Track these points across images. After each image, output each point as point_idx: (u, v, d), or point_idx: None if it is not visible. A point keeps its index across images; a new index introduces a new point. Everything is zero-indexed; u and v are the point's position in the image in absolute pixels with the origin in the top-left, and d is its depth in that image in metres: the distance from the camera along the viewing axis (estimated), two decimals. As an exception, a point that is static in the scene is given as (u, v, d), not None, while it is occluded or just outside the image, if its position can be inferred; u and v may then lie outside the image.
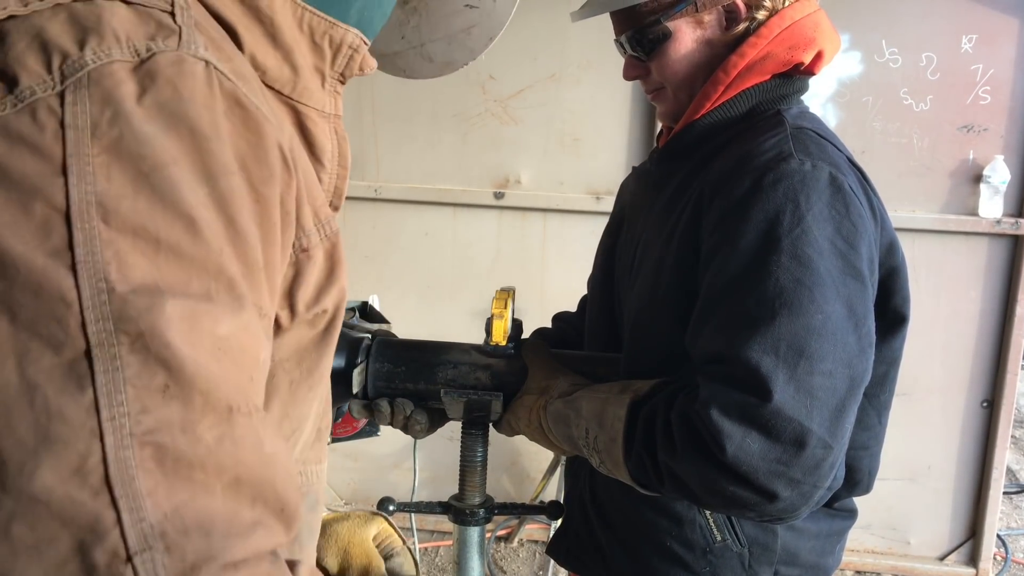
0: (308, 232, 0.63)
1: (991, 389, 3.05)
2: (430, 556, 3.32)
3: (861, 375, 0.96)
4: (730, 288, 0.97)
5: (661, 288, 1.10)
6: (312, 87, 0.68)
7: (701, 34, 1.14)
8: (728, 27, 1.13)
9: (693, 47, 1.14)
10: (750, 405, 0.90)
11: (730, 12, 1.12)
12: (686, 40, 1.14)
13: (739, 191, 1.00)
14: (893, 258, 1.10)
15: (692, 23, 1.14)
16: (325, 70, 0.69)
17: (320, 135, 0.70)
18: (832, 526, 1.22)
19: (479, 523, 1.30)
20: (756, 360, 0.92)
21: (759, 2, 1.12)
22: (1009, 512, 3.83)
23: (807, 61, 1.13)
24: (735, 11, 1.12)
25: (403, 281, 3.27)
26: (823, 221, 0.96)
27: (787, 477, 0.90)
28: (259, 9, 0.62)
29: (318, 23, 0.66)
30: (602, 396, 1.07)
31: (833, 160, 1.02)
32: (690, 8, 1.12)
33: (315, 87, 0.68)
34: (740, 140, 1.10)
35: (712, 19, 1.13)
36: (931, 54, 2.83)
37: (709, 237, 1.02)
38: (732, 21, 1.13)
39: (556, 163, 3.09)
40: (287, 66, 0.65)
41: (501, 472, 3.34)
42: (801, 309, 0.93)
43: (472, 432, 1.28)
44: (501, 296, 1.26)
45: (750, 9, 1.12)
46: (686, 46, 1.14)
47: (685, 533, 1.15)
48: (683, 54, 1.15)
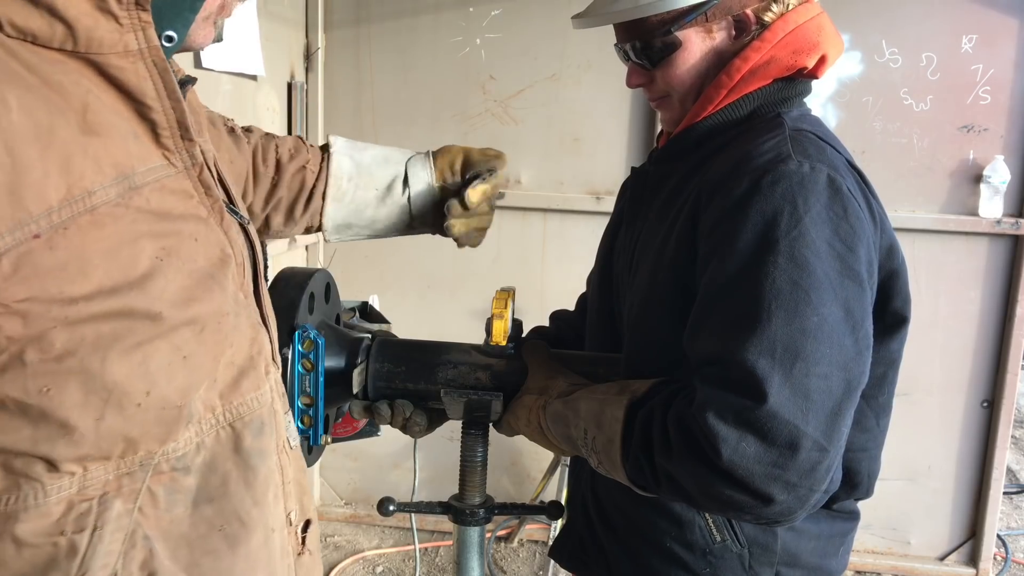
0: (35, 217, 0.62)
1: (991, 389, 3.05)
2: (430, 556, 3.32)
3: (858, 378, 0.95)
4: (727, 289, 0.97)
5: (658, 288, 1.10)
6: (101, 34, 0.65)
7: (710, 44, 1.13)
8: (738, 36, 1.12)
9: (701, 57, 1.13)
10: (745, 408, 0.90)
11: (739, 21, 1.11)
12: (695, 50, 1.13)
13: (737, 192, 0.99)
14: (893, 261, 1.09)
15: (702, 33, 1.12)
16: (113, 8, 0.66)
17: (131, 78, 0.68)
18: (833, 528, 1.21)
19: (479, 523, 1.30)
20: (752, 362, 0.91)
21: (767, 10, 1.11)
22: (1009, 512, 3.83)
23: (810, 65, 1.12)
24: (744, 20, 1.11)
25: (403, 281, 3.27)
26: (821, 223, 0.96)
27: (783, 480, 0.90)
28: None
29: None
30: (600, 397, 1.07)
31: (832, 162, 1.02)
32: (700, 18, 1.11)
33: (107, 32, 0.65)
34: (739, 142, 1.09)
35: (721, 29, 1.12)
36: (931, 54, 2.84)
37: (707, 238, 1.02)
38: (741, 31, 1.12)
39: (556, 163, 3.09)
40: (57, 22, 0.63)
41: (501, 472, 3.34)
42: (798, 311, 0.93)
43: (472, 432, 1.28)
44: (501, 296, 1.26)
45: (758, 17, 1.11)
46: (694, 56, 1.13)
47: (685, 534, 1.15)
48: (691, 64, 1.14)
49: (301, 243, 3.07)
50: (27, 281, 0.62)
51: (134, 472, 0.71)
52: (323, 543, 3.40)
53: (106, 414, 0.67)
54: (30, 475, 0.66)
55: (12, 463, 0.66)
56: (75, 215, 0.64)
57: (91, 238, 0.65)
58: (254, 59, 2.58)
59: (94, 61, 0.66)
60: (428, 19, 3.06)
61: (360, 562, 3.29)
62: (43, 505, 0.67)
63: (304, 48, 3.13)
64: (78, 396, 0.66)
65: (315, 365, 1.17)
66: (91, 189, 0.65)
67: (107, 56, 0.67)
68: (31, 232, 0.62)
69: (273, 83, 2.88)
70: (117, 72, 0.67)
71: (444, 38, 3.07)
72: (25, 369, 0.64)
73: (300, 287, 1.21)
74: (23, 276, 0.62)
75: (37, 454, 0.66)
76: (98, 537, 0.69)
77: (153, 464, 0.72)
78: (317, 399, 1.17)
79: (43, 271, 0.63)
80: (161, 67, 0.70)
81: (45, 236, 0.62)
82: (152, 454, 0.72)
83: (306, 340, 1.16)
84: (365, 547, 3.37)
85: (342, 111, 3.18)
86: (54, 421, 0.65)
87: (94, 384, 0.66)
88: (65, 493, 0.68)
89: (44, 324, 0.64)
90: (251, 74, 2.63)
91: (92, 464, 0.69)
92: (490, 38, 3.03)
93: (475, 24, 3.03)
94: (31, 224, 0.62)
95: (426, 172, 1.31)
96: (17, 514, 0.66)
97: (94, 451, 0.68)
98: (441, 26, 3.06)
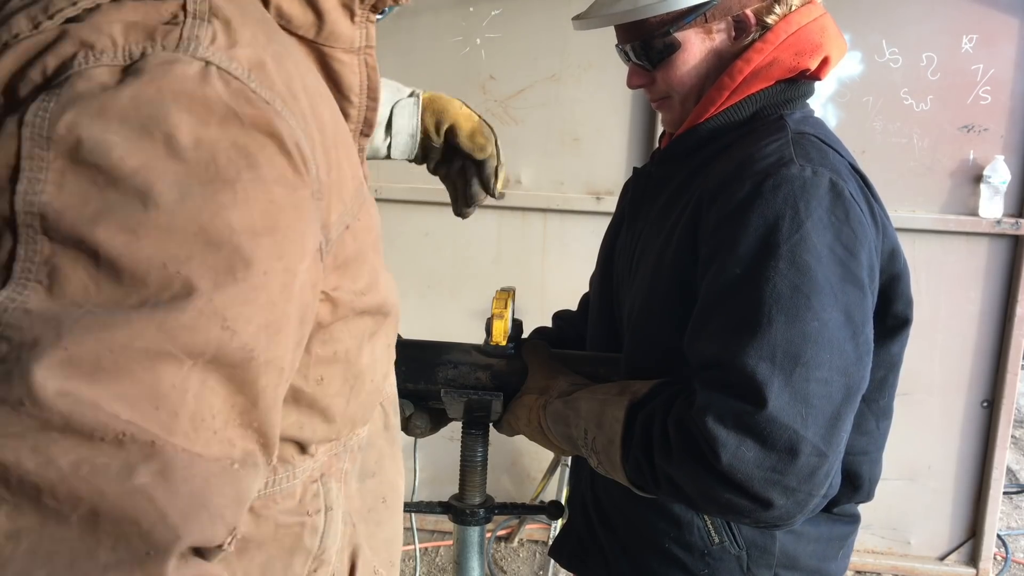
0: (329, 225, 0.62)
1: (991, 389, 3.05)
2: (430, 556, 3.33)
3: (858, 383, 0.95)
4: (728, 293, 0.97)
5: (659, 290, 1.10)
6: (339, 29, 0.67)
7: (710, 45, 1.13)
8: (737, 37, 1.12)
9: (701, 57, 1.13)
10: (745, 413, 0.90)
11: (739, 22, 1.11)
12: (695, 51, 1.13)
13: (739, 195, 0.99)
14: (895, 265, 1.09)
15: (701, 34, 1.12)
16: (354, 6, 0.68)
17: (347, 73, 0.70)
18: (833, 531, 1.21)
19: (479, 523, 1.30)
20: (752, 366, 0.91)
21: (768, 11, 1.10)
22: (1009, 512, 3.83)
23: (813, 67, 1.12)
24: (744, 21, 1.11)
25: (403, 281, 3.25)
26: (823, 228, 0.96)
27: (782, 485, 0.90)
28: None
29: None
30: (601, 397, 1.07)
31: (834, 166, 1.02)
32: (699, 19, 1.11)
33: (343, 27, 0.68)
34: (741, 144, 1.09)
35: (721, 29, 1.12)
36: (931, 54, 2.83)
37: (708, 241, 1.02)
38: (741, 31, 1.12)
39: (556, 163, 3.09)
40: (311, 12, 0.65)
41: (501, 472, 3.34)
42: (798, 316, 0.92)
43: (472, 432, 1.28)
44: (501, 296, 1.26)
45: (759, 18, 1.11)
46: (695, 57, 1.13)
47: (683, 535, 1.15)
48: (692, 65, 1.14)
49: (301, 243, 3.07)
50: (339, 269, 0.64)
51: (340, 453, 0.74)
52: (323, 543, 3.40)
53: (351, 400, 0.71)
54: (285, 458, 0.68)
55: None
56: (361, 204, 0.67)
57: (368, 228, 0.68)
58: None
59: (322, 51, 0.68)
60: (428, 19, 3.06)
61: (360, 562, 3.29)
62: (291, 487, 0.70)
63: (304, 48, 3.12)
64: (339, 384, 0.69)
65: (315, 365, 1.16)
66: (366, 174, 0.69)
67: (335, 50, 0.68)
68: (345, 223, 0.64)
69: (273, 83, 2.87)
70: (339, 65, 0.69)
71: (444, 38, 3.07)
72: (309, 358, 0.65)
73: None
74: (337, 264, 0.64)
75: (296, 438, 0.68)
76: (331, 517, 0.72)
77: (351, 444, 0.76)
78: (317, 399, 1.17)
79: (346, 260, 0.65)
80: (371, 65, 0.72)
81: (352, 227, 0.65)
82: (354, 435, 0.75)
83: (306, 340, 1.16)
84: (365, 547, 3.37)
85: (342, 111, 3.18)
86: (318, 408, 0.68)
87: (350, 372, 0.69)
88: (306, 476, 0.70)
89: (345, 312, 0.66)
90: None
91: (323, 446, 0.71)
92: (490, 38, 3.03)
93: (475, 24, 3.03)
94: (347, 216, 0.64)
95: (411, 122, 1.26)
96: (275, 496, 0.69)
97: (332, 434, 0.71)
98: (441, 26, 3.06)
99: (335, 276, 0.64)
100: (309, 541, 0.71)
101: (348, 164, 0.65)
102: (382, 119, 1.24)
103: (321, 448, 0.71)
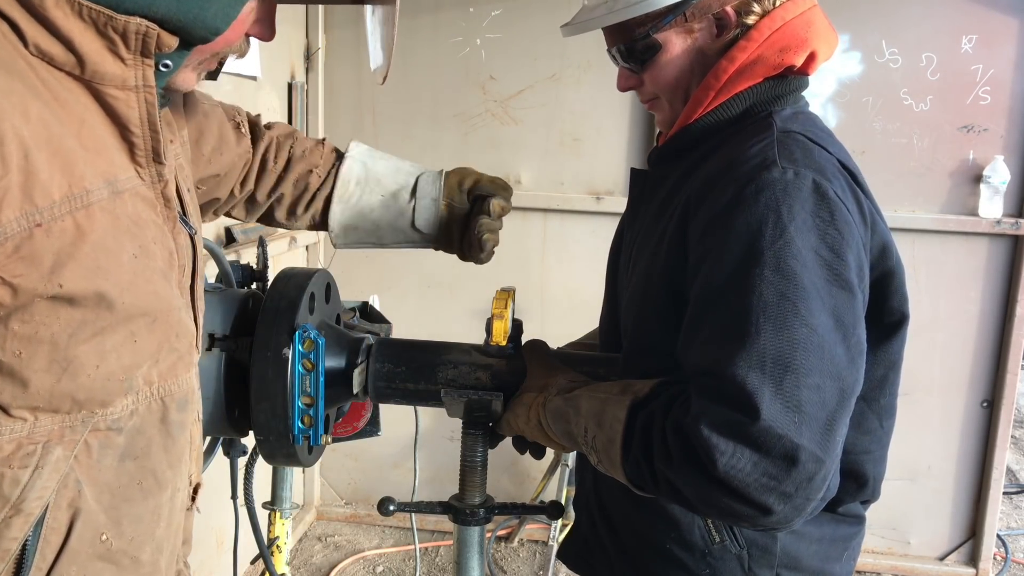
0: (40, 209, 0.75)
1: (991, 389, 3.05)
2: (430, 556, 3.33)
3: (852, 385, 0.95)
4: (716, 302, 0.97)
5: (652, 292, 1.10)
6: (104, 69, 0.81)
7: (692, 43, 1.13)
8: (719, 34, 1.12)
9: (684, 57, 1.13)
10: (739, 423, 0.90)
11: (720, 20, 1.11)
12: (676, 50, 1.13)
13: (722, 201, 0.99)
14: (887, 261, 1.08)
15: (682, 33, 1.13)
16: (121, 53, 0.81)
17: (121, 107, 0.84)
18: (836, 531, 1.20)
19: (479, 523, 1.30)
20: (742, 377, 0.91)
21: (749, 8, 1.10)
22: (1009, 512, 3.83)
23: (799, 63, 1.11)
24: (725, 18, 1.11)
25: (403, 281, 3.27)
26: (806, 231, 0.95)
27: (779, 491, 0.90)
28: (34, 8, 0.77)
29: (98, 15, 0.79)
30: (602, 396, 1.07)
31: (819, 166, 1.01)
32: (679, 19, 1.11)
33: (109, 67, 0.81)
34: (729, 144, 1.09)
35: (702, 28, 1.12)
36: (931, 54, 2.84)
37: (696, 246, 1.02)
38: (723, 28, 1.11)
39: (556, 163, 3.09)
40: (70, 54, 0.79)
41: (501, 472, 3.34)
42: (786, 323, 0.92)
43: (472, 432, 1.28)
44: (501, 296, 1.27)
45: (740, 15, 1.10)
46: (677, 56, 1.13)
47: (684, 535, 1.15)
48: (675, 64, 1.14)
49: (301, 243, 3.07)
50: (24, 260, 0.75)
51: (76, 426, 0.85)
52: (323, 543, 3.40)
53: (63, 379, 0.82)
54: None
55: None
56: (73, 209, 0.78)
57: (83, 230, 0.79)
58: (251, 60, 2.58)
59: (94, 88, 0.82)
60: (428, 19, 3.06)
61: (360, 562, 3.29)
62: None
63: (304, 48, 3.13)
64: (43, 362, 0.80)
65: (315, 365, 1.17)
66: (89, 188, 0.79)
67: (106, 87, 0.82)
68: (35, 221, 0.75)
69: (273, 83, 2.88)
70: (111, 100, 0.83)
71: (444, 38, 3.07)
72: (6, 332, 0.78)
73: (300, 287, 1.21)
74: (21, 255, 0.75)
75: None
76: (37, 474, 0.83)
77: (92, 422, 0.86)
78: (317, 399, 1.17)
79: (38, 253, 0.76)
80: (150, 102, 0.85)
81: (45, 225, 0.76)
82: (93, 414, 0.86)
83: (306, 340, 1.16)
84: (365, 547, 3.37)
85: (342, 111, 3.18)
86: (17, 378, 0.80)
87: (58, 355, 0.81)
88: (16, 435, 0.81)
89: (29, 297, 0.77)
90: (250, 75, 2.63)
91: (43, 415, 0.82)
92: (490, 38, 3.03)
93: (475, 24, 3.03)
94: (36, 215, 0.75)
95: (434, 188, 1.38)
96: None
97: (46, 405, 0.82)
98: (441, 26, 3.06)
99: (18, 265, 0.75)
100: (8, 490, 0.82)
101: (63, 175, 0.77)
102: (407, 187, 1.38)
103: (43, 417, 0.82)
